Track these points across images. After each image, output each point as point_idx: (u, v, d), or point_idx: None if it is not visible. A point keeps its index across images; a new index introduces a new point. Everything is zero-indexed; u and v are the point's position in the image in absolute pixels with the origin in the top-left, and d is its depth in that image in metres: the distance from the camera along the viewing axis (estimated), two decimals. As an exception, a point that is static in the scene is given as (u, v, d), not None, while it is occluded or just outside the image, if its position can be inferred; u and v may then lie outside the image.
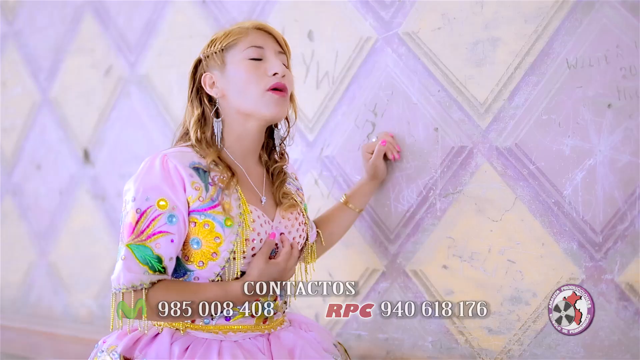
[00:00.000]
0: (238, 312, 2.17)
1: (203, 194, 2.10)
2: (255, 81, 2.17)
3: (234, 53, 2.20)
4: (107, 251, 3.69)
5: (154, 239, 2.05)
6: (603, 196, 2.25)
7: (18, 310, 4.23)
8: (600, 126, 2.25)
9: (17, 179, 4.24)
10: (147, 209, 2.06)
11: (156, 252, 2.05)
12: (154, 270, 2.06)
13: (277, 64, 2.19)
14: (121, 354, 2.11)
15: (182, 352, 2.10)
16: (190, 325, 2.16)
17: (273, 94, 2.17)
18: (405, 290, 2.67)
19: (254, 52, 2.19)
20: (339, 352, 2.35)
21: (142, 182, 2.09)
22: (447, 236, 2.56)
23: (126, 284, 2.04)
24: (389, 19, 2.70)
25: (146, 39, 3.56)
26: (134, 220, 2.06)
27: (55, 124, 4.00)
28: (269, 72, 2.18)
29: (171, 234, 2.07)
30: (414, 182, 2.63)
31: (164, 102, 3.48)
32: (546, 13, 2.35)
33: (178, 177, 2.09)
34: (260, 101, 2.17)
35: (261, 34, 2.23)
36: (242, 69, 2.18)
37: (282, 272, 2.15)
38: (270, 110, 2.18)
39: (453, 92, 2.54)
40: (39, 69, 4.10)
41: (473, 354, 2.51)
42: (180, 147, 2.20)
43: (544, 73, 2.36)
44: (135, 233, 2.06)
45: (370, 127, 2.74)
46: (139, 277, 2.04)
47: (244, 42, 2.20)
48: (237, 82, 2.18)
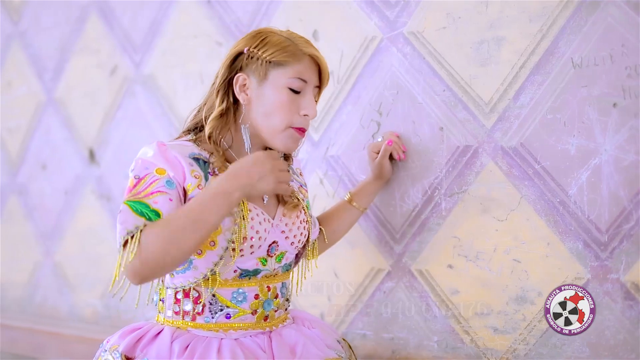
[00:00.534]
0: (238, 310, 2.17)
1: (202, 182, 2.09)
2: (285, 114, 2.13)
3: (279, 74, 2.14)
4: (113, 251, 3.69)
5: (151, 197, 2.02)
6: (608, 195, 2.25)
7: (23, 310, 4.24)
8: (605, 125, 2.25)
9: (22, 179, 4.24)
10: (145, 175, 2.05)
11: (153, 207, 2.00)
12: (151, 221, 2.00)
13: (312, 106, 2.15)
14: (122, 353, 2.11)
15: (182, 350, 2.09)
16: (191, 324, 2.17)
17: (295, 132, 2.15)
18: (410, 290, 2.66)
19: (298, 84, 2.14)
20: (342, 349, 2.35)
21: (141, 158, 2.10)
22: (452, 236, 2.56)
23: (122, 232, 1.97)
24: (393, 19, 2.70)
25: (151, 39, 3.56)
26: (132, 184, 2.05)
27: (61, 123, 4.00)
28: (301, 110, 2.15)
29: (169, 194, 2.03)
30: (419, 181, 2.62)
31: (169, 102, 3.48)
32: (551, 12, 2.35)
33: (177, 163, 2.08)
34: (280, 134, 2.14)
35: (311, 65, 2.18)
36: (279, 95, 2.13)
37: (269, 166, 2.00)
38: (285, 146, 2.16)
39: (458, 91, 2.54)
40: (44, 69, 4.11)
41: (478, 353, 2.51)
42: (181, 140, 2.20)
43: (549, 72, 2.35)
44: (132, 193, 2.03)
45: (375, 126, 2.74)
46: (134, 224, 1.97)
47: (293, 67, 2.14)
48: (268, 104, 2.14)
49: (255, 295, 2.20)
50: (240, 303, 2.18)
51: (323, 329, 2.37)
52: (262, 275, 2.21)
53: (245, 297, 2.18)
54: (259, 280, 2.20)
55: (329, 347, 2.29)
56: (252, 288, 2.19)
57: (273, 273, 2.24)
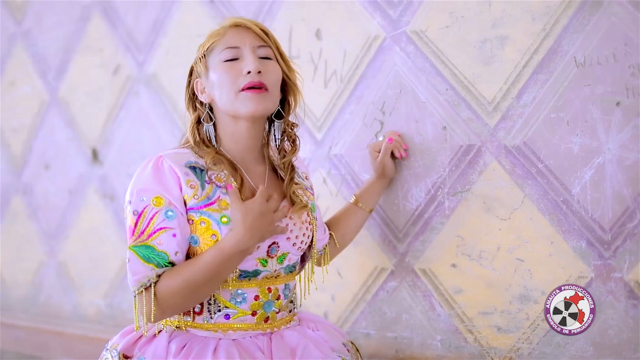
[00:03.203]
0: (238, 311, 2.18)
1: (199, 191, 2.12)
2: (229, 83, 2.16)
3: (213, 57, 2.21)
4: (116, 250, 3.70)
5: (154, 237, 2.08)
6: (612, 194, 2.25)
7: (27, 309, 4.25)
8: (608, 124, 2.25)
9: (26, 179, 4.25)
10: (144, 209, 2.09)
11: (159, 249, 2.08)
12: (161, 267, 2.08)
13: (250, 62, 2.16)
14: (120, 352, 2.16)
15: (178, 349, 2.12)
16: (190, 324, 2.19)
17: (247, 92, 2.15)
18: (414, 289, 2.67)
19: (229, 53, 2.18)
20: (348, 352, 2.35)
21: (136, 184, 2.12)
22: (455, 235, 2.56)
23: (135, 285, 2.08)
24: (396, 18, 2.70)
25: (154, 38, 3.57)
26: (132, 223, 2.10)
27: (64, 123, 4.01)
28: (243, 71, 2.16)
29: (171, 228, 2.09)
30: (422, 181, 2.62)
31: (172, 101, 3.48)
32: (554, 11, 2.35)
33: (173, 176, 2.11)
34: (236, 102, 2.16)
35: (238, 32, 2.21)
36: (218, 72, 2.18)
37: (262, 214, 2.03)
38: (248, 108, 2.15)
39: (461, 90, 2.54)
40: (47, 69, 4.11)
41: (482, 352, 2.51)
42: (178, 148, 2.22)
43: (552, 71, 2.35)
44: (135, 234, 2.09)
45: (378, 125, 2.74)
46: (145, 275, 2.07)
47: (220, 44, 2.20)
48: (216, 86, 2.19)
49: (255, 297, 2.20)
50: (239, 304, 2.18)
51: (328, 331, 2.36)
52: (262, 277, 2.21)
53: (245, 298, 2.19)
54: (259, 282, 2.21)
55: (334, 350, 2.28)
56: (252, 289, 2.20)
57: (274, 274, 2.24)
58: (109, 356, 2.17)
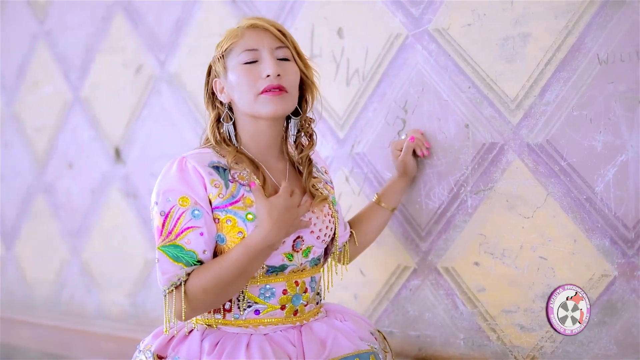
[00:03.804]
0: (267, 306, 2.20)
1: (223, 190, 2.14)
2: (248, 86, 2.18)
3: (231, 58, 2.22)
4: (139, 249, 3.72)
5: (182, 236, 2.10)
6: (635, 192, 2.24)
7: (51, 308, 4.27)
8: (631, 122, 2.24)
9: (49, 178, 4.27)
10: (171, 209, 2.11)
11: (188, 248, 2.10)
12: (189, 265, 2.11)
13: (269, 65, 2.18)
14: (155, 353, 2.18)
15: (212, 347, 2.14)
16: (221, 321, 2.21)
17: (267, 95, 2.17)
18: (436, 288, 2.66)
19: (248, 56, 2.19)
20: (376, 340, 2.35)
21: (161, 186, 2.15)
22: (478, 233, 2.56)
23: (165, 284, 2.11)
24: (418, 16, 2.70)
25: (176, 37, 3.58)
26: (160, 224, 2.12)
27: (87, 122, 4.02)
28: (262, 74, 2.17)
29: (198, 227, 2.11)
30: (445, 179, 2.62)
31: (194, 100, 3.49)
32: (577, 8, 2.34)
33: (197, 176, 2.14)
34: (255, 104, 2.18)
35: (256, 33, 2.22)
36: (237, 74, 2.19)
37: (287, 209, 2.08)
38: (268, 110, 2.17)
39: (484, 88, 2.53)
40: (70, 68, 4.13)
41: (505, 351, 2.51)
42: (200, 148, 2.25)
43: (575, 69, 2.34)
44: (163, 235, 2.11)
45: (400, 124, 2.74)
46: (175, 274, 2.10)
47: (239, 45, 2.21)
48: (236, 86, 2.20)
49: (283, 291, 2.22)
50: (268, 299, 2.20)
51: (356, 322, 2.37)
52: (289, 271, 2.23)
53: (274, 293, 2.21)
54: (286, 276, 2.23)
55: (362, 339, 2.29)
56: (280, 284, 2.22)
57: (300, 268, 2.26)
58: (143, 357, 2.20)
